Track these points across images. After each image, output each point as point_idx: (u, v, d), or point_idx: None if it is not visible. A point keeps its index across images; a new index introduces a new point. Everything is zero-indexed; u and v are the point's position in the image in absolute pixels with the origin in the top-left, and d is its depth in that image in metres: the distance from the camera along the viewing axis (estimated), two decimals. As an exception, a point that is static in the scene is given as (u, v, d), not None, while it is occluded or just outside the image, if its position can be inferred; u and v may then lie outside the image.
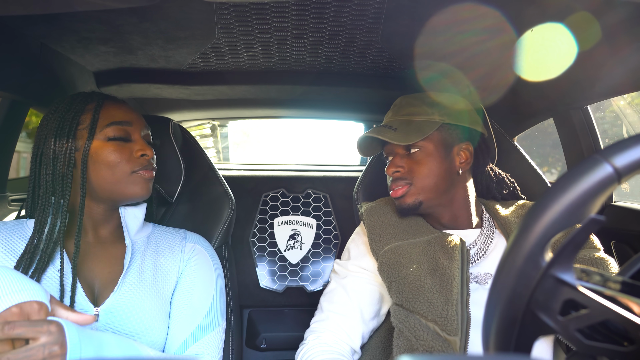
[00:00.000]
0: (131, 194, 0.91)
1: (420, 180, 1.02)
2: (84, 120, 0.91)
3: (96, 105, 0.92)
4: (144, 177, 0.92)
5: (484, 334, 0.43)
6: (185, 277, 0.97)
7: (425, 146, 1.02)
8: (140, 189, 0.91)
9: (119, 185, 0.90)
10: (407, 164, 1.03)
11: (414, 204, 1.02)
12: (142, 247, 0.96)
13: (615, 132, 2.29)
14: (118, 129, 0.91)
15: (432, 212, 1.06)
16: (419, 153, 1.03)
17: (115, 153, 0.89)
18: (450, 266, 0.92)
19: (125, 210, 0.94)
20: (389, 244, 1.00)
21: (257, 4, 0.90)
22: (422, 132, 1.02)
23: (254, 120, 2.29)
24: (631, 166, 0.39)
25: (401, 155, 1.05)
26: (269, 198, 1.66)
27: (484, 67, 1.20)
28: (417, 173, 1.02)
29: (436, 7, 0.90)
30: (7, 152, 1.24)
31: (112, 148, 0.89)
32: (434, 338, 0.87)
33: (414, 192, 1.02)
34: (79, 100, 0.93)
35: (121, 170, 0.89)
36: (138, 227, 0.97)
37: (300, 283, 1.60)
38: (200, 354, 0.91)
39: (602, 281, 0.42)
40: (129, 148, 0.91)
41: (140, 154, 0.91)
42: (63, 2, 0.79)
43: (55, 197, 0.87)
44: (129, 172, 0.90)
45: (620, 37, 0.90)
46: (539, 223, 0.40)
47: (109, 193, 0.90)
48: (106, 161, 0.89)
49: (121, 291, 0.87)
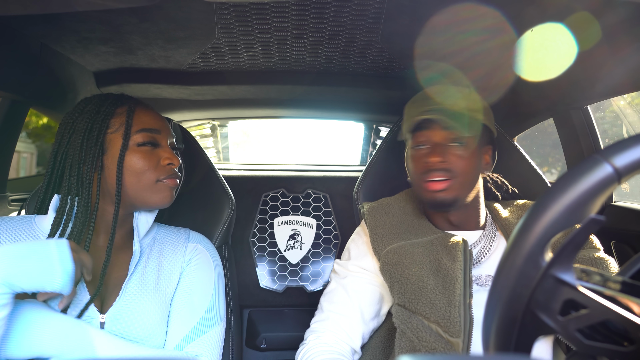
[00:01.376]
0: (154, 202, 0.90)
1: (463, 175, 0.97)
2: (113, 124, 0.90)
3: (128, 110, 0.91)
4: (168, 186, 0.91)
5: (484, 334, 0.43)
6: (186, 276, 0.97)
7: (470, 143, 0.98)
8: (164, 198, 0.91)
9: (143, 193, 0.89)
10: (449, 156, 0.97)
11: (452, 200, 0.97)
12: (147, 250, 0.96)
13: (615, 132, 2.29)
14: (147, 136, 0.90)
15: (454, 211, 1.02)
16: (463, 148, 0.98)
17: (143, 160, 0.89)
18: (453, 267, 0.92)
19: (139, 214, 0.94)
20: (392, 244, 1.00)
21: (257, 4, 0.90)
22: (474, 129, 0.98)
23: (254, 120, 2.29)
24: (631, 166, 0.39)
25: (443, 146, 0.98)
26: (269, 198, 1.66)
27: (484, 67, 1.20)
28: (462, 168, 0.97)
29: (436, 7, 0.90)
30: (7, 152, 1.24)
31: (140, 155, 0.89)
32: (436, 339, 0.86)
33: (456, 187, 0.97)
34: (108, 103, 0.91)
35: (147, 178, 0.89)
36: (145, 231, 0.96)
37: (300, 283, 1.60)
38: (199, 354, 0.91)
39: (602, 281, 0.42)
40: (157, 155, 0.91)
41: (167, 162, 0.91)
42: (63, 2, 0.79)
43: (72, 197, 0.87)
44: (154, 181, 0.89)
45: (620, 37, 0.90)
46: (539, 223, 0.40)
47: (132, 199, 0.90)
48: (133, 168, 0.88)
49: (124, 297, 0.87)
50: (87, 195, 0.87)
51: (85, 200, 0.86)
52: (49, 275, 0.69)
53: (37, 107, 1.25)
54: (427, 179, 0.98)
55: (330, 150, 2.91)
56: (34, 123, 9.00)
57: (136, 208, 0.93)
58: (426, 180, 0.98)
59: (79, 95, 1.26)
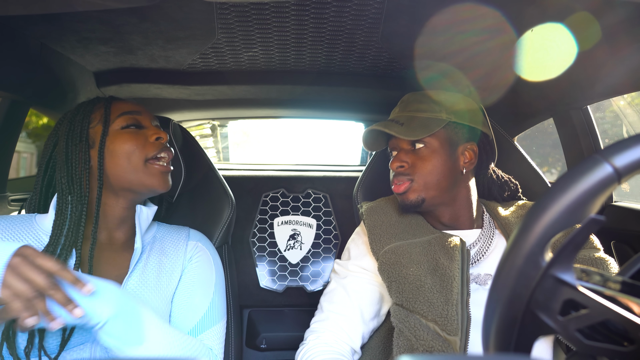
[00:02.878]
0: (150, 184, 0.91)
1: (423, 176, 1.01)
2: (94, 118, 0.93)
3: (105, 102, 0.94)
4: (160, 170, 0.92)
5: (484, 333, 0.43)
6: (187, 274, 0.98)
7: (431, 143, 1.02)
8: (158, 181, 0.92)
9: (137, 175, 0.90)
10: (411, 159, 1.03)
11: (417, 201, 1.02)
12: (147, 248, 0.96)
13: (615, 132, 2.29)
14: (129, 118, 0.93)
15: (434, 210, 1.06)
16: (424, 149, 1.02)
17: (130, 141, 0.90)
18: (450, 266, 0.92)
19: (141, 209, 0.94)
20: (390, 244, 1.00)
21: (257, 4, 0.90)
22: (429, 129, 1.01)
23: (254, 120, 2.29)
24: (631, 166, 0.39)
25: (406, 151, 1.04)
26: (269, 198, 1.66)
27: (484, 67, 1.20)
28: (420, 169, 1.01)
29: (436, 7, 0.90)
30: (7, 152, 1.24)
31: (127, 136, 0.91)
32: (434, 338, 0.87)
33: (416, 188, 1.01)
34: (86, 104, 0.95)
35: (136, 157, 0.90)
36: (146, 228, 0.97)
37: (300, 283, 1.60)
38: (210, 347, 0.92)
39: (602, 281, 0.42)
40: (143, 134, 0.93)
41: (155, 137, 0.92)
42: (63, 2, 0.79)
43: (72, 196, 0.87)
44: (143, 160, 0.90)
45: (620, 37, 0.90)
46: (539, 223, 0.40)
47: (129, 184, 0.90)
48: (122, 150, 0.90)
49: None
50: (80, 191, 0.88)
51: (77, 197, 0.87)
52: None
53: (37, 107, 1.24)
54: (393, 183, 1.05)
55: (330, 150, 2.91)
56: (34, 123, 9.00)
57: (138, 194, 0.93)
58: (393, 184, 1.05)
59: (79, 95, 1.26)
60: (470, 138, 1.06)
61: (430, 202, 1.03)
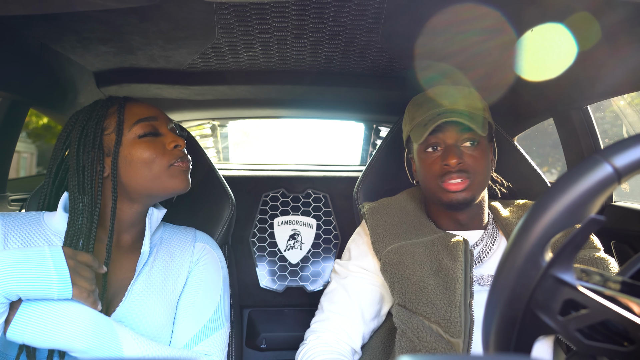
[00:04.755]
0: (173, 187, 0.89)
1: (479, 175, 0.98)
2: (109, 125, 0.90)
3: (119, 107, 0.91)
4: (181, 169, 0.91)
5: (484, 334, 0.43)
6: (193, 276, 0.96)
7: (482, 142, 1.00)
8: (180, 182, 0.90)
9: (159, 181, 0.88)
10: (466, 157, 0.98)
11: (471, 199, 0.98)
12: (154, 251, 0.95)
13: (615, 132, 2.29)
14: (146, 125, 0.90)
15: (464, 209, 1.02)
16: (476, 148, 0.99)
17: (149, 150, 0.88)
18: (453, 267, 0.92)
19: (152, 212, 0.93)
20: (392, 244, 1.00)
21: (257, 4, 0.90)
22: (485, 127, 0.99)
23: (254, 120, 2.29)
24: (631, 166, 0.39)
25: (457, 148, 0.98)
26: (269, 198, 1.66)
27: (484, 67, 1.20)
28: (478, 167, 0.98)
29: (436, 7, 0.90)
30: (7, 152, 1.24)
31: (145, 145, 0.88)
32: (437, 339, 0.86)
33: (473, 187, 0.97)
34: (99, 107, 0.92)
35: (158, 165, 0.88)
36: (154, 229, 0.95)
37: (300, 283, 1.60)
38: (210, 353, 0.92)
39: (602, 281, 0.42)
40: (161, 142, 0.90)
41: (173, 145, 0.90)
42: (63, 2, 0.79)
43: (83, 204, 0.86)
44: (166, 166, 0.89)
45: (620, 37, 0.90)
46: (539, 223, 0.40)
47: (149, 190, 0.89)
48: (141, 159, 0.88)
49: (130, 299, 0.86)
50: (91, 199, 0.86)
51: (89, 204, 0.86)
52: (45, 282, 0.69)
53: (37, 107, 1.24)
54: (446, 181, 0.97)
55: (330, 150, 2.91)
56: (34, 123, 9.01)
57: (157, 199, 0.92)
58: (445, 182, 0.97)
59: (79, 95, 1.26)
60: (492, 138, 1.07)
61: (475, 201, 1.00)
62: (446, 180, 0.97)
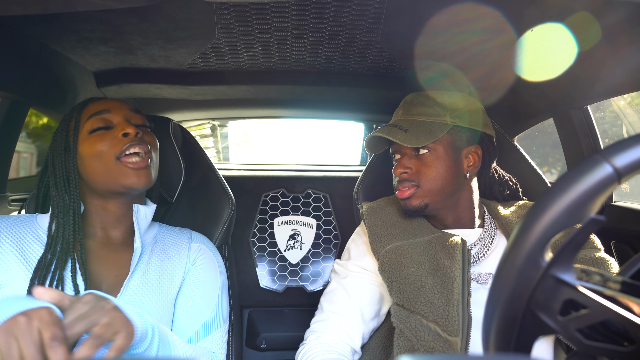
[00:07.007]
0: (125, 183, 0.88)
1: (427, 183, 1.00)
2: (70, 127, 0.93)
3: (78, 107, 0.94)
4: (132, 167, 0.88)
5: (484, 334, 0.43)
6: (191, 277, 0.97)
7: (435, 149, 1.00)
8: (132, 179, 0.88)
9: (111, 175, 0.88)
10: (415, 165, 1.01)
11: (420, 206, 1.01)
12: (149, 249, 0.95)
13: (615, 132, 2.29)
14: (96, 120, 0.91)
15: (437, 213, 1.05)
16: (428, 155, 1.01)
17: (97, 143, 0.88)
18: (451, 266, 0.92)
19: (138, 209, 0.93)
20: (390, 244, 1.00)
21: (257, 4, 0.90)
22: (433, 135, 0.99)
23: (254, 120, 2.29)
24: (631, 166, 0.39)
25: (409, 156, 1.02)
26: (269, 198, 1.66)
27: (484, 67, 1.20)
28: (425, 176, 1.00)
29: (436, 7, 0.90)
30: (7, 152, 1.24)
31: (94, 139, 0.89)
32: (435, 338, 0.86)
33: (421, 194, 1.00)
34: (72, 109, 0.95)
35: (106, 157, 0.87)
36: (146, 227, 0.96)
37: (300, 283, 1.60)
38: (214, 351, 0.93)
39: (602, 281, 0.42)
40: (111, 134, 0.89)
41: (121, 134, 0.88)
42: (63, 2, 0.79)
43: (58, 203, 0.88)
44: (113, 158, 0.87)
45: (620, 37, 0.90)
46: (539, 223, 0.40)
47: (107, 186, 0.89)
48: (91, 153, 0.88)
49: (125, 295, 0.87)
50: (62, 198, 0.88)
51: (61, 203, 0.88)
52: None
53: (37, 107, 1.24)
54: (397, 189, 1.04)
55: (330, 150, 2.91)
56: (34, 123, 9.00)
57: (121, 196, 0.92)
58: (397, 189, 1.04)
59: (79, 95, 1.26)
60: (473, 141, 1.05)
61: (433, 207, 1.02)
62: (399, 188, 1.03)
